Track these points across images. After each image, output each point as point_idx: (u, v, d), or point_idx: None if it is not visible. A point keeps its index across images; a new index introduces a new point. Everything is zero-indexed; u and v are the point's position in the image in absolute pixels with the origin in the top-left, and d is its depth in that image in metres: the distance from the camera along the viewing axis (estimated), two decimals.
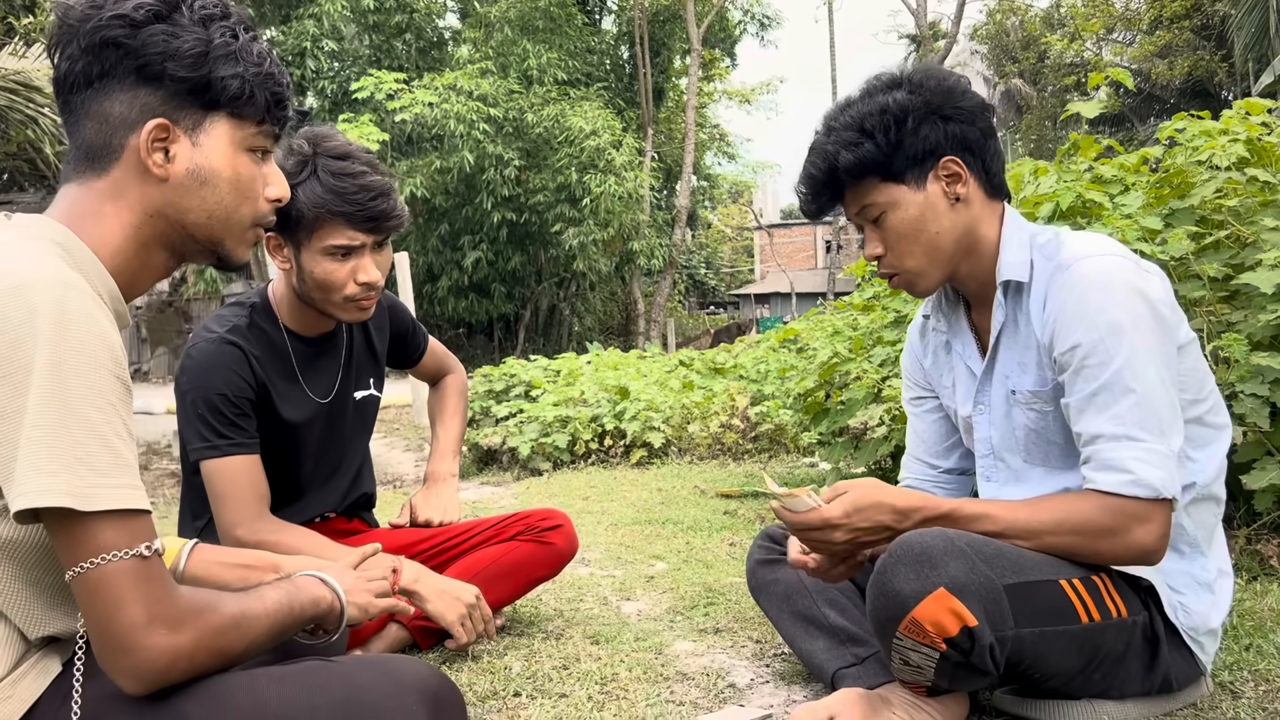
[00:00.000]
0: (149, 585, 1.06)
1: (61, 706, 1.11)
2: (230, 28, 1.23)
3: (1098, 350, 1.61)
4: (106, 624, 1.05)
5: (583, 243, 21.36)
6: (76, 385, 1.03)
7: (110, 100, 1.19)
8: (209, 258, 1.30)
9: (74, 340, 1.04)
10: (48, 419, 1.02)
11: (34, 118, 10.78)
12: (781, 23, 29.83)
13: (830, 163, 1.75)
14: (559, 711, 1.87)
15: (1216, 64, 23.55)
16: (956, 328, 1.94)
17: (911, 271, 1.80)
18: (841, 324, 5.08)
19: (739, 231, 49.52)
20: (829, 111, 1.81)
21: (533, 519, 2.42)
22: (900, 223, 1.75)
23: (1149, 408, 1.58)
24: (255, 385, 2.13)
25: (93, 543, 1.04)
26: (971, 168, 1.76)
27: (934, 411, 2.07)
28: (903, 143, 1.72)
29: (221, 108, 1.23)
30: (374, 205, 2.06)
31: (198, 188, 1.23)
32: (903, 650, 1.55)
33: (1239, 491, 2.61)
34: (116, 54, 1.17)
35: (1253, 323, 2.63)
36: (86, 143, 1.21)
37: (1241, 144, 2.92)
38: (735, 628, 2.42)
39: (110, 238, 1.20)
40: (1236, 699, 1.79)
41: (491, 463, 6.73)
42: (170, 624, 1.07)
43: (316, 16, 21.88)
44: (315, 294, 2.12)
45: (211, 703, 1.11)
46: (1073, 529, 1.61)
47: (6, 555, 1.11)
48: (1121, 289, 1.62)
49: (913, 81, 1.75)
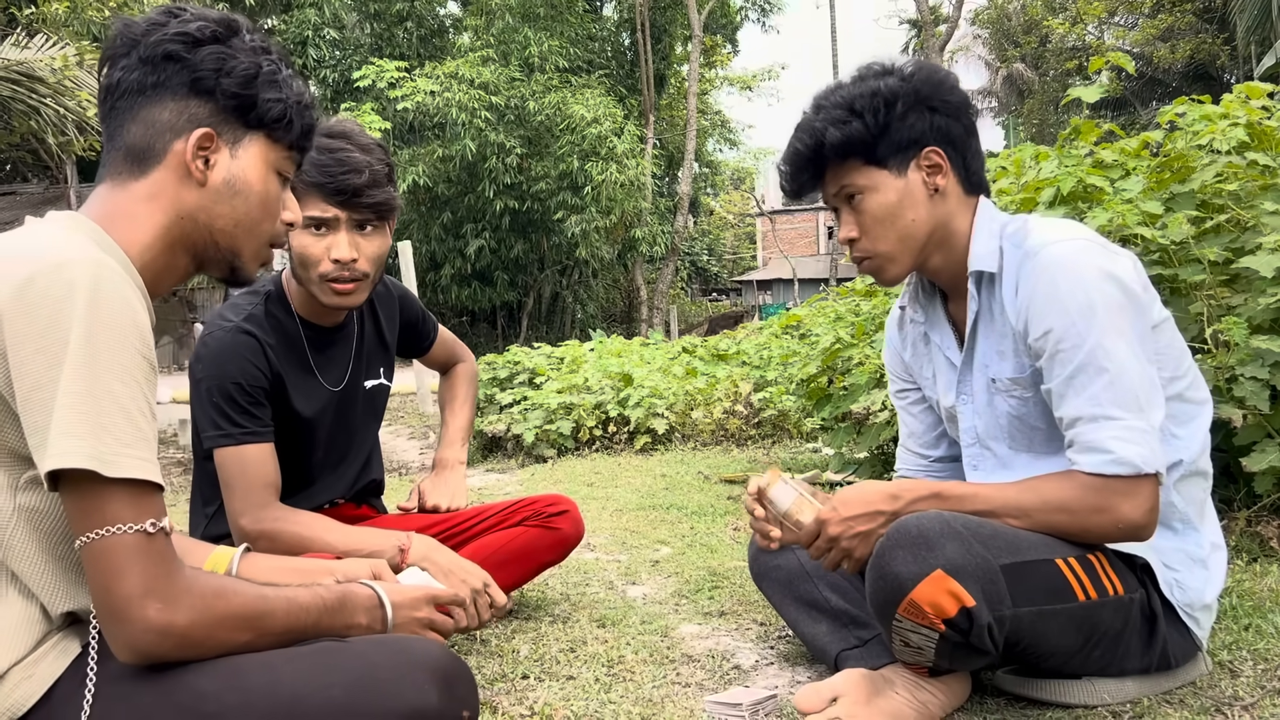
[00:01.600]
0: (149, 560, 1.11)
1: (80, 686, 1.15)
2: (275, 60, 1.35)
3: (1070, 334, 1.64)
4: (104, 593, 1.10)
5: (585, 230, 21.37)
6: (106, 359, 1.10)
7: (160, 108, 1.28)
8: (224, 268, 1.38)
9: (106, 316, 1.11)
10: (77, 387, 1.08)
11: (36, 108, 10.78)
12: (783, 8, 29.82)
13: (817, 139, 1.77)
14: (567, 693, 1.90)
15: (1219, 47, 23.48)
16: (934, 319, 1.96)
17: (883, 256, 1.82)
18: (844, 309, 5.10)
19: (741, 218, 49.48)
20: (819, 92, 1.84)
21: (539, 504, 2.45)
22: (878, 207, 1.78)
23: (1123, 386, 1.61)
24: (270, 374, 2.15)
25: (103, 513, 1.09)
26: (953, 161, 1.79)
27: (918, 403, 2.10)
28: (889, 127, 1.74)
29: (262, 128, 1.34)
30: (345, 179, 2.06)
31: (230, 196, 1.32)
32: (902, 632, 1.58)
33: (1239, 474, 2.64)
34: (174, 66, 1.28)
35: (1253, 306, 2.64)
36: (129, 145, 1.29)
37: (1242, 128, 2.93)
38: (740, 611, 2.45)
39: (141, 236, 1.27)
40: (1235, 678, 1.82)
41: (496, 450, 6.76)
42: (165, 600, 1.11)
43: (318, 5, 21.89)
44: (299, 271, 2.14)
45: (227, 680, 1.14)
46: (1059, 507, 1.64)
47: (33, 526, 1.16)
48: (1089, 271, 1.65)
49: (904, 71, 1.78)
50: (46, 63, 10.57)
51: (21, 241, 1.18)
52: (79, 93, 10.63)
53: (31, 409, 1.09)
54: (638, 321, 25.13)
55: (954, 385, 1.92)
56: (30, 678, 1.14)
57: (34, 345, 1.08)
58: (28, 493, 1.15)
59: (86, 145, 11.41)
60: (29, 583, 1.16)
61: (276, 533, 2.05)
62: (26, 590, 1.16)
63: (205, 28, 1.29)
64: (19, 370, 1.09)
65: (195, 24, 1.29)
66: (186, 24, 1.28)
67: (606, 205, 21.21)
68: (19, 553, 1.15)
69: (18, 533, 1.15)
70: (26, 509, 1.15)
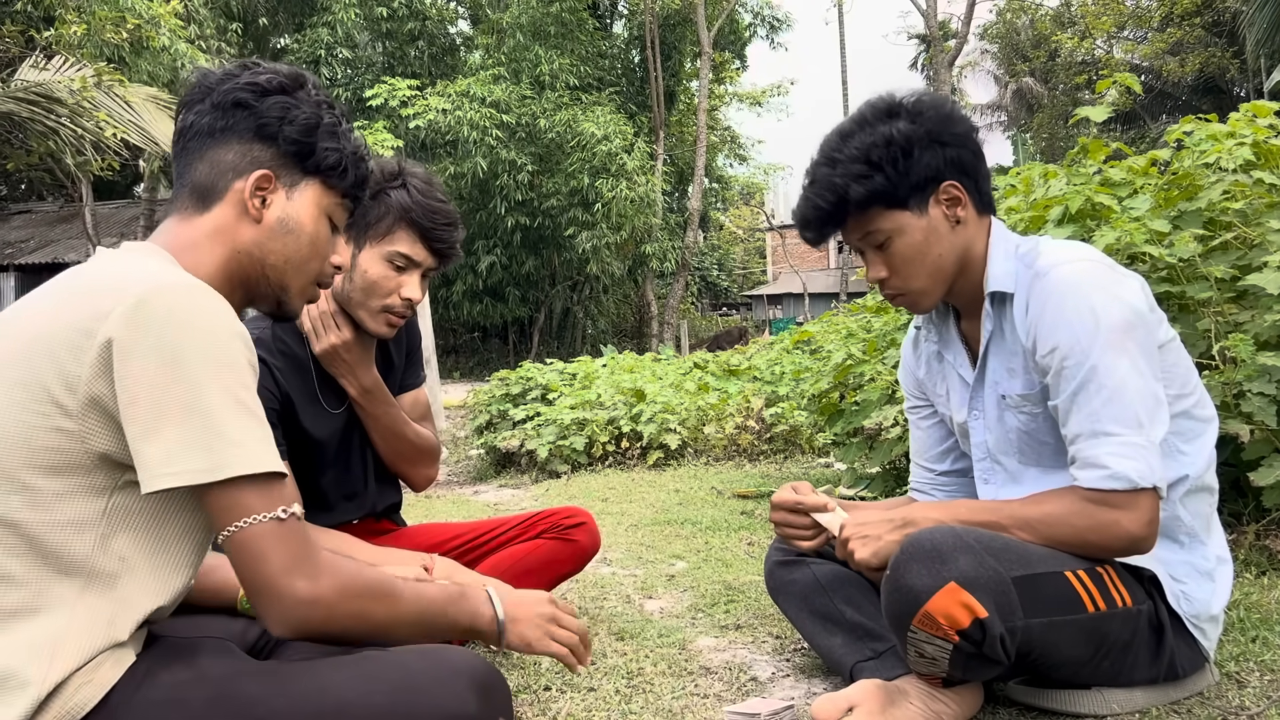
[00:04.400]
0: (287, 541, 1.21)
1: (135, 692, 1.20)
2: (336, 114, 1.47)
3: (1074, 352, 1.69)
4: (254, 576, 1.20)
5: (595, 246, 21.43)
6: (217, 368, 1.20)
7: (226, 150, 1.39)
8: (272, 303, 1.48)
9: (215, 331, 1.21)
10: (194, 400, 1.17)
11: (54, 129, 10.88)
12: (792, 25, 29.83)
13: (839, 195, 1.79)
14: (589, 704, 1.95)
15: (1228, 61, 23.49)
16: (947, 338, 2.01)
17: (916, 292, 1.87)
18: (855, 326, 5.14)
19: (751, 233, 49.53)
20: (828, 142, 1.84)
21: (557, 517, 2.49)
22: (906, 248, 1.82)
23: (1123, 402, 1.65)
24: (279, 396, 2.19)
25: (237, 508, 1.19)
26: (968, 189, 1.82)
27: (929, 419, 2.16)
28: (909, 172, 1.77)
29: (318, 174, 1.45)
30: (448, 230, 2.20)
31: (283, 234, 1.42)
32: (917, 643, 1.62)
33: (1247, 488, 2.67)
34: (242, 113, 1.39)
35: (1259, 323, 2.68)
36: (196, 182, 1.40)
37: (1248, 147, 2.97)
38: (755, 624, 2.49)
39: (204, 266, 1.37)
40: (1242, 688, 1.85)
41: (509, 465, 6.81)
42: (309, 574, 1.22)
43: (330, 24, 22.02)
44: (356, 295, 2.19)
45: (275, 685, 1.20)
46: (1060, 521, 1.69)
47: (126, 525, 1.23)
48: (1095, 291, 1.70)
49: (911, 110, 1.80)
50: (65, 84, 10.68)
51: (115, 270, 1.28)
52: (97, 113, 10.74)
53: (135, 421, 1.16)
54: (648, 337, 25.16)
55: (966, 401, 1.97)
56: (90, 683, 1.19)
57: (142, 361, 1.16)
58: (122, 494, 1.22)
59: (104, 165, 11.52)
60: (110, 582, 1.22)
61: None
62: (101, 594, 1.21)
63: (274, 80, 1.40)
64: (125, 383, 1.16)
65: (265, 76, 1.40)
66: (257, 75, 1.40)
67: (617, 221, 21.27)
68: (103, 550, 1.21)
69: (107, 530, 1.22)
70: (120, 509, 1.22)
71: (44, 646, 1.17)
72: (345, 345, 2.22)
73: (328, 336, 2.21)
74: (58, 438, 1.18)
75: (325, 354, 2.22)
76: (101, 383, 1.17)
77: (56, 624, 1.18)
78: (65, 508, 1.19)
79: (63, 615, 1.19)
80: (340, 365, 2.24)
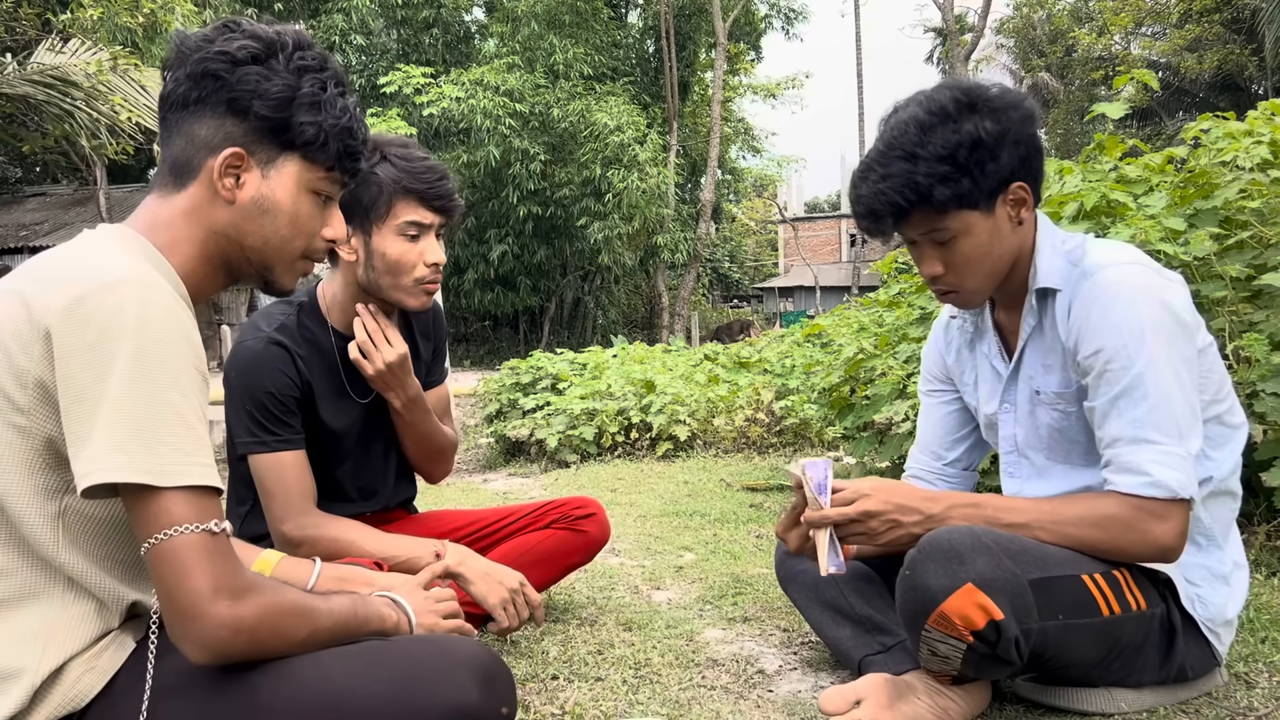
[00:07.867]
0: (215, 558, 1.14)
1: (139, 680, 1.20)
2: (321, 80, 1.34)
3: (1119, 355, 1.66)
4: (174, 591, 1.13)
5: (607, 236, 21.44)
6: (159, 372, 1.13)
7: (200, 124, 1.31)
8: (258, 281, 1.40)
9: (156, 331, 1.14)
10: (130, 401, 1.11)
11: (70, 112, 10.95)
12: (807, 17, 29.79)
13: (922, 195, 1.69)
14: (596, 694, 1.96)
15: (1246, 58, 23.31)
16: (982, 327, 1.99)
17: (970, 290, 1.82)
18: (867, 320, 5.14)
19: (763, 225, 49.48)
20: (904, 133, 1.71)
21: (567, 507, 2.50)
22: (971, 248, 1.75)
23: (1166, 411, 1.64)
24: (300, 384, 2.19)
25: (165, 516, 1.12)
26: (1033, 190, 1.76)
27: (949, 404, 2.12)
28: (991, 175, 1.71)
29: (295, 149, 1.34)
30: (442, 185, 2.17)
31: (259, 215, 1.34)
32: (931, 642, 1.62)
33: (1259, 489, 2.66)
34: (214, 84, 1.29)
35: (1274, 322, 2.67)
36: (174, 158, 1.32)
37: (1265, 145, 2.96)
38: (763, 616, 2.50)
39: (181, 247, 1.31)
40: (1251, 689, 1.85)
41: (519, 454, 6.83)
42: (233, 595, 1.15)
43: (345, 11, 22.07)
44: (385, 279, 2.18)
45: (279, 676, 1.20)
46: (1094, 524, 1.67)
47: (85, 531, 1.21)
48: (1143, 296, 1.67)
49: (993, 107, 1.71)
50: (81, 67, 10.73)
51: (73, 259, 1.21)
52: (113, 97, 10.78)
53: (73, 421, 1.12)
54: (659, 328, 25.18)
55: (998, 393, 1.95)
56: (93, 670, 1.19)
57: (80, 360, 1.12)
58: (74, 496, 1.17)
59: (119, 149, 11.56)
60: (82, 581, 1.21)
61: (316, 539, 2.11)
62: (81, 588, 1.21)
63: (245, 48, 1.29)
64: (64, 384, 1.12)
65: (237, 43, 1.29)
66: (230, 42, 1.29)
67: (629, 212, 21.27)
68: (68, 552, 1.19)
69: (66, 534, 1.19)
70: (75, 511, 1.19)
71: (35, 635, 1.16)
72: (400, 360, 2.21)
73: (380, 355, 2.19)
74: (12, 434, 1.16)
75: (377, 375, 2.22)
76: (47, 373, 1.13)
77: (47, 613, 1.18)
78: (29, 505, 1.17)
79: (53, 604, 1.19)
80: (391, 380, 2.24)
